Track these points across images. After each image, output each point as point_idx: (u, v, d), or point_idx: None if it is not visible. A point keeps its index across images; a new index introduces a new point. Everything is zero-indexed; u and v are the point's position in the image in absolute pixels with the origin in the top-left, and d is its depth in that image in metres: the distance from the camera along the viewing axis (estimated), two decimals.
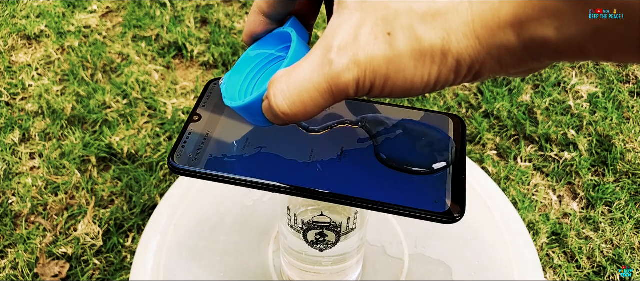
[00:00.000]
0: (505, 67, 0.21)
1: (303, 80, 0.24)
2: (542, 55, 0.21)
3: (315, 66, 0.23)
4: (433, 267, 0.54)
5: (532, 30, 0.20)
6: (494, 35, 0.20)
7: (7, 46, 1.36)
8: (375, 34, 0.22)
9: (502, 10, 0.20)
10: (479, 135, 1.14)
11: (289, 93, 0.24)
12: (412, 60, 0.22)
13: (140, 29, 1.41)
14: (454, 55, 0.21)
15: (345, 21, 0.23)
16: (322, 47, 0.23)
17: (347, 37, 0.22)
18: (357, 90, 0.23)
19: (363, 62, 0.22)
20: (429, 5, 0.21)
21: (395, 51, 0.22)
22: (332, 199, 0.30)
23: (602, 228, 0.99)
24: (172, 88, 1.24)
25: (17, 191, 1.03)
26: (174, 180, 1.00)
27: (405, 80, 0.22)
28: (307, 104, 0.24)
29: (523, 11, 0.19)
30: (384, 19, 0.22)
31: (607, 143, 1.13)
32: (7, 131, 1.14)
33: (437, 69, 0.22)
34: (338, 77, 0.23)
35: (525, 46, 0.20)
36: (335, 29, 0.23)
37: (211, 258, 0.55)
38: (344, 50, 0.22)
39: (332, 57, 0.23)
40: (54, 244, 0.94)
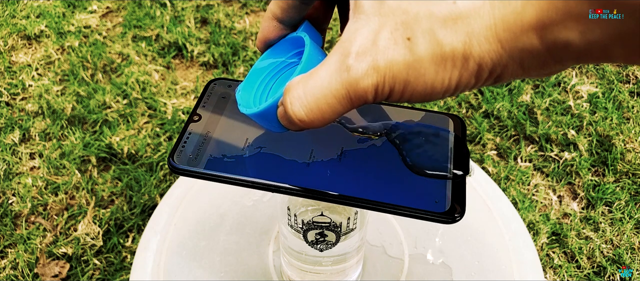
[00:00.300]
0: (527, 70, 0.21)
1: (320, 86, 0.23)
2: (566, 58, 0.20)
3: (333, 72, 0.23)
4: (433, 267, 0.54)
5: (555, 33, 0.19)
6: (516, 38, 0.20)
7: (7, 46, 1.36)
8: (395, 39, 0.21)
9: (525, 14, 0.20)
10: (479, 135, 1.14)
11: (306, 100, 0.24)
12: (432, 64, 0.21)
13: (140, 29, 1.41)
14: (475, 59, 0.21)
15: (363, 26, 0.22)
16: (339, 52, 0.23)
17: (366, 42, 0.22)
18: (376, 95, 0.23)
19: (382, 67, 0.22)
20: (450, 9, 0.21)
21: (415, 56, 0.21)
22: (332, 199, 0.30)
23: (602, 228, 0.99)
24: (172, 88, 1.25)
25: (17, 191, 1.03)
26: (174, 180, 1.00)
27: (425, 85, 0.22)
28: (325, 111, 0.24)
29: (546, 15, 0.19)
30: (404, 24, 0.21)
31: (607, 143, 1.13)
32: (7, 131, 1.14)
33: (458, 73, 0.21)
34: (356, 83, 0.22)
35: (548, 49, 0.20)
36: (353, 34, 0.23)
37: (211, 258, 0.55)
38: (363, 55, 0.22)
39: (351, 63, 0.22)
40: (54, 244, 0.94)
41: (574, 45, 0.19)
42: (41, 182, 1.04)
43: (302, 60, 0.27)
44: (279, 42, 0.31)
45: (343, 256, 0.46)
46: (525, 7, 0.19)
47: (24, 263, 0.91)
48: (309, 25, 0.30)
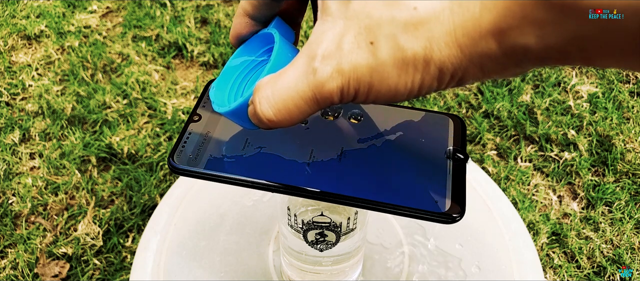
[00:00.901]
0: (487, 73, 0.22)
1: (287, 87, 0.24)
2: (525, 62, 0.21)
3: (300, 74, 0.23)
4: (433, 268, 0.54)
5: (513, 38, 0.20)
6: (475, 43, 0.20)
7: (7, 46, 1.36)
8: (358, 43, 0.22)
9: (483, 20, 0.20)
10: (479, 135, 1.14)
11: (273, 101, 0.24)
12: (395, 68, 0.22)
13: (140, 29, 1.41)
14: (436, 63, 0.21)
15: (328, 29, 0.23)
16: (306, 54, 0.23)
17: (331, 46, 0.22)
18: (341, 97, 0.23)
19: (347, 70, 0.22)
20: (411, 14, 0.21)
21: (378, 60, 0.22)
22: (332, 199, 0.30)
23: (602, 228, 0.99)
24: (172, 88, 1.25)
25: (17, 191, 1.03)
26: (174, 180, 1.00)
27: (389, 88, 0.22)
28: (292, 111, 0.24)
29: (504, 20, 0.20)
30: (367, 28, 0.22)
31: (607, 143, 1.13)
32: (7, 131, 1.14)
33: (420, 76, 0.22)
34: (322, 86, 0.23)
35: (506, 54, 0.20)
36: (319, 36, 0.23)
37: (211, 258, 0.55)
38: (328, 58, 0.22)
39: (316, 66, 0.23)
40: (54, 244, 0.94)
41: (532, 50, 0.20)
42: (41, 182, 1.04)
43: (271, 59, 0.27)
44: (251, 38, 0.31)
45: (343, 256, 0.46)
46: (482, 13, 0.20)
47: (24, 263, 0.91)
48: (280, 21, 0.30)
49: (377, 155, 0.33)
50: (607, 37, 0.18)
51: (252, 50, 0.32)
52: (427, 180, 0.31)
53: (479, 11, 0.20)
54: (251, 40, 0.31)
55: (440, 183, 0.31)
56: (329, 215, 0.41)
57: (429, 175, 0.31)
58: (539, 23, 0.19)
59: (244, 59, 0.32)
